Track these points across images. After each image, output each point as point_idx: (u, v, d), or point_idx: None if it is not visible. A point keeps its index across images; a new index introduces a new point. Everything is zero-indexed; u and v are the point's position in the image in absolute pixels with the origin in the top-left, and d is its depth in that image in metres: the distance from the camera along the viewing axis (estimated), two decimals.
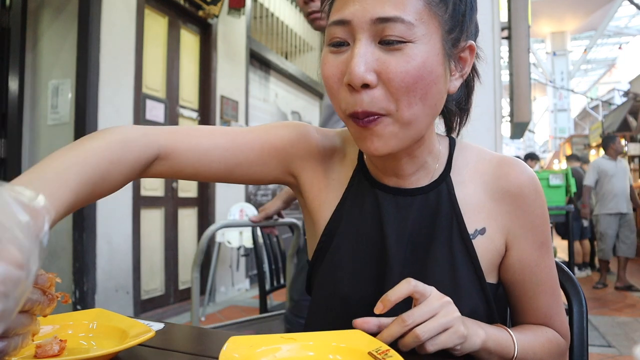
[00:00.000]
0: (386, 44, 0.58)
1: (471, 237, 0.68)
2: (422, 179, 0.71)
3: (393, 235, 0.69)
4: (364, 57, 0.58)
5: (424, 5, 0.58)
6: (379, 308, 0.58)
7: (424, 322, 0.56)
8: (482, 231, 0.69)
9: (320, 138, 0.76)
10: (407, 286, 0.58)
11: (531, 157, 6.63)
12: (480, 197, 0.70)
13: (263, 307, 2.26)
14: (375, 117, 0.60)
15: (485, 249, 0.68)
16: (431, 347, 0.57)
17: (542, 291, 0.71)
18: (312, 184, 0.76)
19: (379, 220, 0.70)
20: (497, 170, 0.71)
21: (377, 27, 0.58)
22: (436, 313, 0.57)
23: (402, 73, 0.57)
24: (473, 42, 0.66)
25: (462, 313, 0.64)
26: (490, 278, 0.70)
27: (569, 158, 6.76)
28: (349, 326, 0.60)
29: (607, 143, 5.17)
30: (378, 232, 0.70)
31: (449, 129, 0.78)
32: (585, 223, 5.65)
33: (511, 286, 0.72)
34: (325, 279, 0.72)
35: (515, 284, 0.71)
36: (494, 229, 0.69)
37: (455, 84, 0.65)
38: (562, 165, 14.64)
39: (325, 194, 0.75)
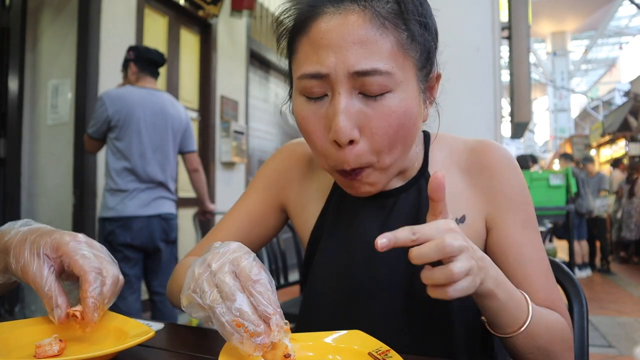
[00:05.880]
0: (367, 95, 0.58)
1: None
2: (401, 180, 0.72)
3: (377, 234, 0.69)
4: (348, 113, 0.57)
5: (397, 48, 0.58)
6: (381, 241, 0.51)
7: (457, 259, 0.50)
8: (462, 219, 0.69)
9: (302, 150, 0.81)
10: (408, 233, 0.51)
11: (532, 159, 6.56)
12: (459, 185, 0.70)
13: None
14: (361, 170, 0.62)
15: (468, 237, 0.65)
16: (454, 292, 0.50)
17: (535, 273, 0.66)
18: (296, 205, 0.80)
19: (361, 224, 0.71)
20: (471, 153, 0.71)
21: (355, 81, 0.57)
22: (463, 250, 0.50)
23: (385, 127, 0.58)
24: (438, 70, 0.66)
25: (453, 306, 0.65)
26: None
27: (563, 157, 6.70)
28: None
29: None
30: (361, 235, 0.71)
31: None
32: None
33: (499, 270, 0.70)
34: (312, 285, 0.75)
35: (502, 266, 0.67)
36: (474, 214, 0.69)
37: (427, 113, 0.66)
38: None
39: (308, 207, 0.78)
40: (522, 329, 0.57)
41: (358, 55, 0.56)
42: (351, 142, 0.58)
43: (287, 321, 0.50)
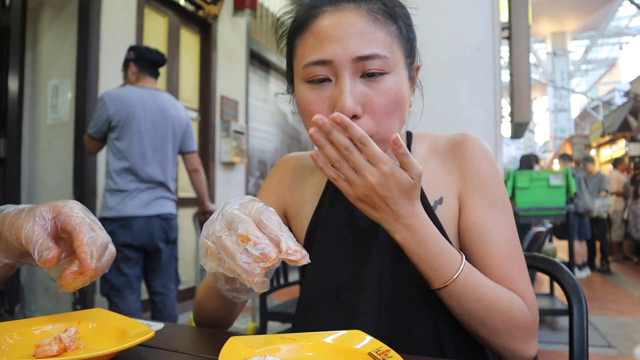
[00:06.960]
0: (367, 76, 0.66)
1: (432, 208, 0.73)
2: None
3: (368, 226, 0.76)
4: (352, 92, 0.65)
5: (391, 38, 0.67)
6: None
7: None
8: (440, 201, 0.74)
9: (294, 161, 0.89)
10: None
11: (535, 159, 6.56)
12: (437, 172, 0.77)
13: (263, 307, 2.26)
14: None
15: (447, 218, 0.73)
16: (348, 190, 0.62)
17: (495, 251, 0.68)
18: (292, 207, 0.85)
19: (353, 214, 0.77)
20: (449, 142, 0.78)
21: (357, 64, 0.65)
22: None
23: (384, 102, 0.66)
24: (418, 62, 0.75)
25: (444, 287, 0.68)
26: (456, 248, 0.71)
27: (562, 158, 6.72)
28: (333, 325, 0.61)
29: None
30: (354, 225, 0.77)
31: None
32: None
33: (464, 248, 0.72)
34: (310, 274, 0.79)
35: (465, 244, 0.71)
36: (449, 195, 0.75)
37: (410, 99, 0.74)
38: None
39: (304, 208, 0.84)
40: (443, 287, 0.63)
41: (359, 43, 0.65)
42: (354, 116, 0.65)
43: (305, 252, 0.50)
